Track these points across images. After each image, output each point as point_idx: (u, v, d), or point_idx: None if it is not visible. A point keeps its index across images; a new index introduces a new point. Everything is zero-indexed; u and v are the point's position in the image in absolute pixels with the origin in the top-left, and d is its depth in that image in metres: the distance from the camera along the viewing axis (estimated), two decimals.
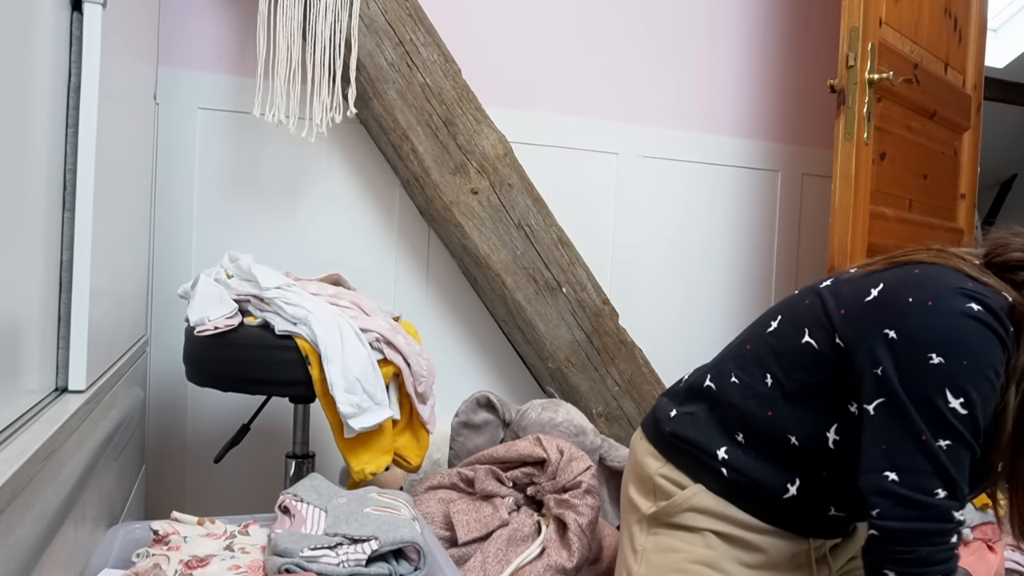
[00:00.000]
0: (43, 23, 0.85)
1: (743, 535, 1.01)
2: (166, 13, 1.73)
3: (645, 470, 1.09)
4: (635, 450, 1.14)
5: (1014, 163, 4.32)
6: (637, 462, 1.12)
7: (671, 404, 1.12)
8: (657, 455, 1.08)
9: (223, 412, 1.80)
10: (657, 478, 1.07)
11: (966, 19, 2.26)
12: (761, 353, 1.03)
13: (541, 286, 1.86)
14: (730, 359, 1.08)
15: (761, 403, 1.00)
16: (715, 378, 1.07)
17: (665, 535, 1.05)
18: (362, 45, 1.67)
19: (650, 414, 1.16)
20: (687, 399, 1.10)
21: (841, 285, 1.00)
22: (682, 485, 1.04)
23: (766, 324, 1.06)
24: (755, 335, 1.07)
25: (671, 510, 1.04)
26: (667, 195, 2.21)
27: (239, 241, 1.80)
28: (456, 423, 1.63)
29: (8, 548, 0.65)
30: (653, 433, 1.12)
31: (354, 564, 0.94)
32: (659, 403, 1.15)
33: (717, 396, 1.05)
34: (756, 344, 1.05)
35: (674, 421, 1.08)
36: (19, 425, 0.78)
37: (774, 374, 1.01)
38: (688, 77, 2.22)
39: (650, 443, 1.11)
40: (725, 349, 1.13)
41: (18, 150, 0.77)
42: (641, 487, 1.10)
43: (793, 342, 0.99)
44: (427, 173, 1.76)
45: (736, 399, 1.03)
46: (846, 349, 0.94)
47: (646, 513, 1.07)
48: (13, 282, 0.77)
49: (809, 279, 2.41)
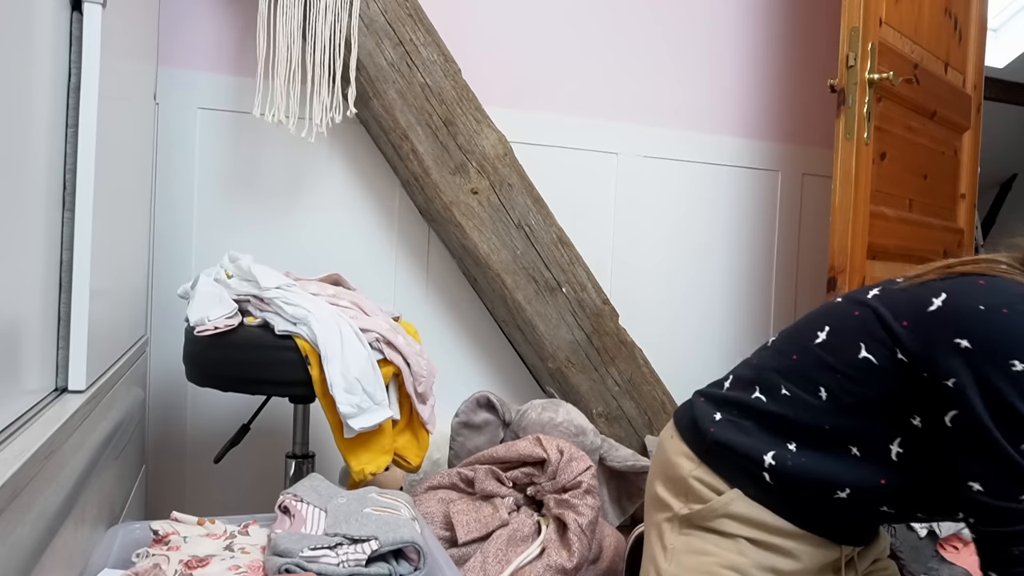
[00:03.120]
0: (43, 23, 0.85)
1: (777, 541, 1.00)
2: (166, 13, 1.73)
3: (677, 471, 1.07)
4: (666, 448, 1.12)
5: (1014, 163, 4.32)
6: (668, 461, 1.10)
7: (713, 408, 1.09)
8: (692, 456, 1.06)
9: (223, 412, 1.80)
10: (691, 480, 1.05)
11: (966, 19, 2.26)
12: (811, 366, 1.00)
13: (541, 286, 1.86)
14: (775, 371, 1.04)
15: (816, 416, 0.98)
16: (764, 391, 1.04)
17: (697, 537, 1.04)
18: (362, 45, 1.67)
19: (686, 415, 1.12)
20: (731, 407, 1.07)
21: (893, 296, 0.97)
22: (718, 490, 1.03)
23: (811, 335, 1.03)
24: (801, 346, 1.03)
25: (706, 514, 1.03)
26: (667, 195, 2.21)
27: (239, 241, 1.80)
28: (456, 423, 1.63)
29: (8, 548, 0.65)
30: (691, 436, 1.08)
31: (354, 564, 0.94)
32: (697, 405, 1.11)
33: (766, 409, 1.02)
34: (804, 356, 1.02)
35: (719, 427, 1.05)
36: (19, 425, 0.78)
37: (829, 388, 0.98)
38: (688, 77, 2.22)
39: (685, 444, 1.08)
40: (762, 356, 1.09)
41: (18, 150, 0.77)
42: (672, 487, 1.08)
43: (848, 356, 0.97)
44: (427, 173, 1.76)
45: (788, 412, 1.00)
46: (910, 363, 0.91)
47: (678, 513, 1.06)
48: (13, 282, 0.77)
49: (809, 279, 2.41)
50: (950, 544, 1.54)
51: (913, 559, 1.51)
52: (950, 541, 1.55)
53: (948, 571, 1.50)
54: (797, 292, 2.40)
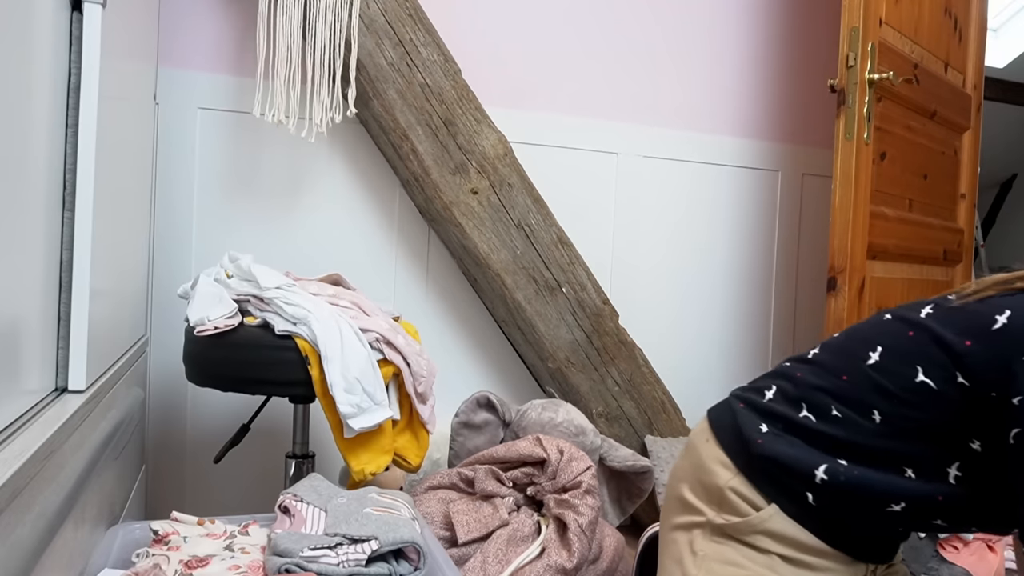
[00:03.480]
0: (43, 23, 0.85)
1: (809, 559, 1.00)
2: (166, 13, 1.73)
3: (713, 479, 1.05)
4: (699, 451, 1.09)
5: (1014, 163, 4.32)
6: (703, 467, 1.07)
7: (757, 419, 1.05)
8: (730, 465, 1.04)
9: (223, 412, 1.80)
10: (727, 491, 1.03)
11: (966, 19, 2.26)
12: (863, 387, 0.98)
13: (541, 286, 1.86)
14: (824, 392, 1.01)
15: (870, 438, 0.96)
16: (813, 410, 1.01)
17: (729, 547, 1.02)
18: (362, 45, 1.67)
19: (727, 421, 1.08)
20: (776, 420, 1.04)
21: (950, 314, 0.95)
22: (756, 505, 1.01)
23: (862, 354, 1.00)
24: (851, 367, 1.01)
25: (741, 528, 1.01)
26: (667, 195, 2.21)
27: (239, 241, 1.80)
28: (456, 423, 1.63)
29: (8, 548, 0.65)
30: (733, 444, 1.05)
31: (354, 564, 0.93)
32: (740, 412, 1.07)
33: (816, 428, 1.00)
34: (855, 377, 0.99)
35: (767, 440, 1.02)
36: (19, 425, 0.78)
37: (883, 412, 0.96)
38: (688, 77, 2.22)
39: (724, 451, 1.05)
40: (805, 372, 1.05)
41: (18, 150, 0.77)
42: (705, 493, 1.06)
43: (904, 380, 0.94)
44: (427, 173, 1.76)
45: (839, 433, 0.98)
46: (971, 386, 0.89)
47: (712, 521, 1.04)
48: (13, 282, 0.77)
49: (809, 279, 2.41)
50: (950, 544, 1.54)
51: (913, 559, 1.51)
52: (950, 541, 1.55)
53: (948, 571, 1.50)
54: (797, 292, 2.40)
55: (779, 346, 2.39)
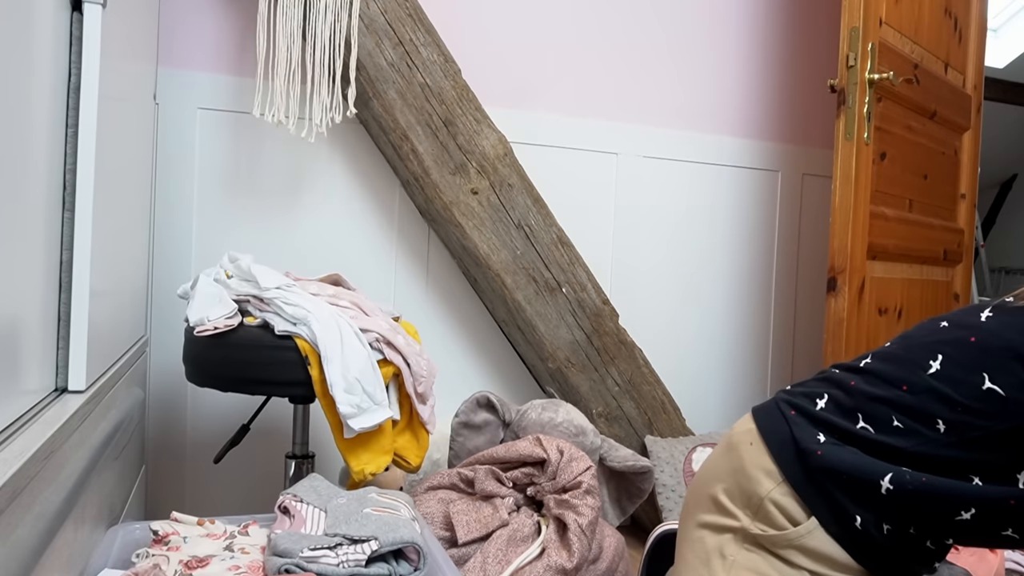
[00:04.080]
0: (43, 23, 0.85)
1: None
2: (166, 13, 1.73)
3: (754, 486, 1.02)
4: (741, 455, 1.05)
5: (1014, 163, 4.32)
6: (744, 472, 1.04)
7: (813, 428, 1.02)
8: (775, 474, 1.01)
9: (223, 412, 1.80)
10: (767, 502, 1.01)
11: (966, 19, 2.26)
12: (926, 398, 0.96)
13: (541, 286, 1.86)
14: (883, 402, 0.98)
15: (935, 448, 0.94)
16: (870, 422, 0.99)
17: (760, 557, 1.01)
18: (362, 45, 1.67)
19: (779, 428, 1.05)
20: (831, 430, 1.01)
21: (1013, 315, 0.93)
22: (794, 520, 0.99)
23: (922, 363, 0.98)
24: (912, 376, 0.98)
25: (776, 541, 1.00)
26: (667, 195, 2.21)
27: (239, 241, 1.80)
28: (456, 423, 1.63)
29: (8, 548, 0.65)
30: (784, 453, 1.01)
31: (354, 564, 0.94)
32: (794, 421, 1.04)
33: (876, 439, 0.98)
34: (916, 387, 0.97)
35: (827, 450, 0.99)
36: (19, 425, 0.78)
37: (949, 421, 0.93)
38: (688, 77, 2.22)
39: (772, 460, 1.02)
40: (859, 381, 1.02)
41: (18, 150, 0.77)
42: (743, 499, 1.04)
43: (970, 389, 0.92)
44: (427, 173, 1.76)
45: (902, 444, 0.96)
46: None
47: (747, 529, 1.02)
48: (13, 282, 0.77)
49: (809, 279, 2.41)
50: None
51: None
52: None
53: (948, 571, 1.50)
54: (797, 292, 2.40)
55: (779, 346, 2.39)
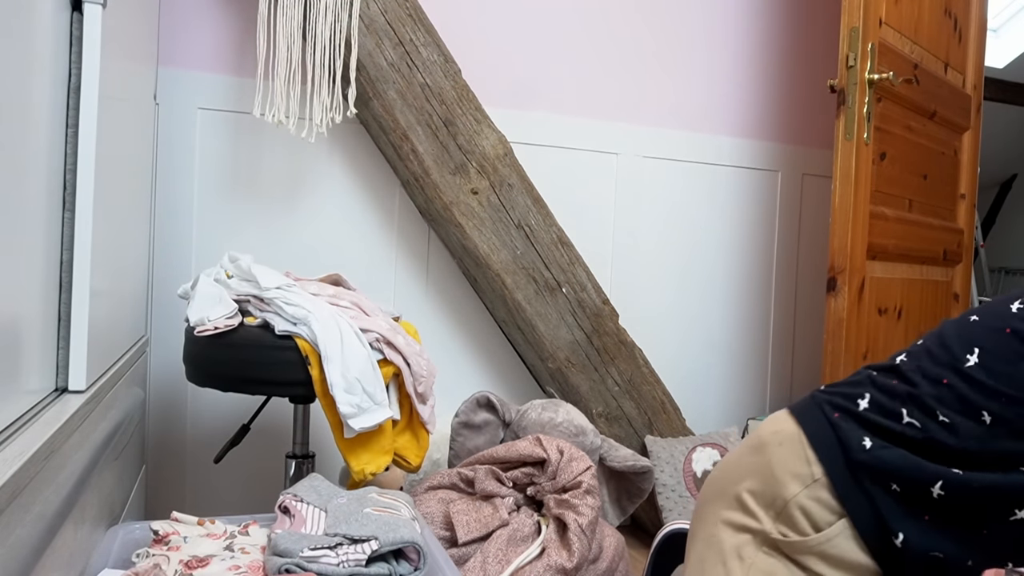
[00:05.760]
0: (43, 23, 0.85)
1: None
2: (166, 13, 1.73)
3: (780, 490, 1.01)
4: (769, 455, 1.04)
5: (1014, 163, 4.32)
6: (770, 472, 1.03)
7: (859, 431, 1.00)
8: (805, 478, 0.99)
9: (223, 412, 1.80)
10: (792, 506, 0.99)
11: (966, 19, 2.26)
12: (968, 390, 0.95)
13: (541, 286, 1.86)
14: (925, 398, 0.97)
15: (983, 441, 0.93)
16: (915, 417, 0.97)
17: (779, 562, 1.00)
18: (362, 45, 1.67)
19: (821, 429, 1.02)
20: (878, 432, 0.99)
21: None
22: (817, 526, 0.98)
23: (960, 356, 0.98)
24: (950, 371, 0.98)
25: (796, 547, 0.99)
26: (667, 195, 2.21)
27: (239, 241, 1.80)
28: (456, 423, 1.63)
29: (8, 548, 0.65)
30: (832, 457, 0.99)
31: (354, 564, 0.94)
32: (839, 424, 1.01)
33: (922, 437, 0.96)
34: (955, 380, 0.97)
35: (874, 453, 0.97)
36: (19, 425, 0.78)
37: (994, 412, 0.93)
38: (688, 77, 2.22)
39: (816, 461, 0.99)
40: (895, 377, 1.01)
41: (18, 150, 0.77)
42: (767, 501, 1.02)
43: (1012, 378, 0.93)
44: (427, 173, 1.76)
45: (950, 440, 0.95)
46: None
47: (767, 533, 1.01)
48: (13, 282, 0.77)
49: (809, 279, 2.41)
50: None
51: None
52: None
53: None
54: (797, 292, 2.40)
55: (779, 346, 2.39)
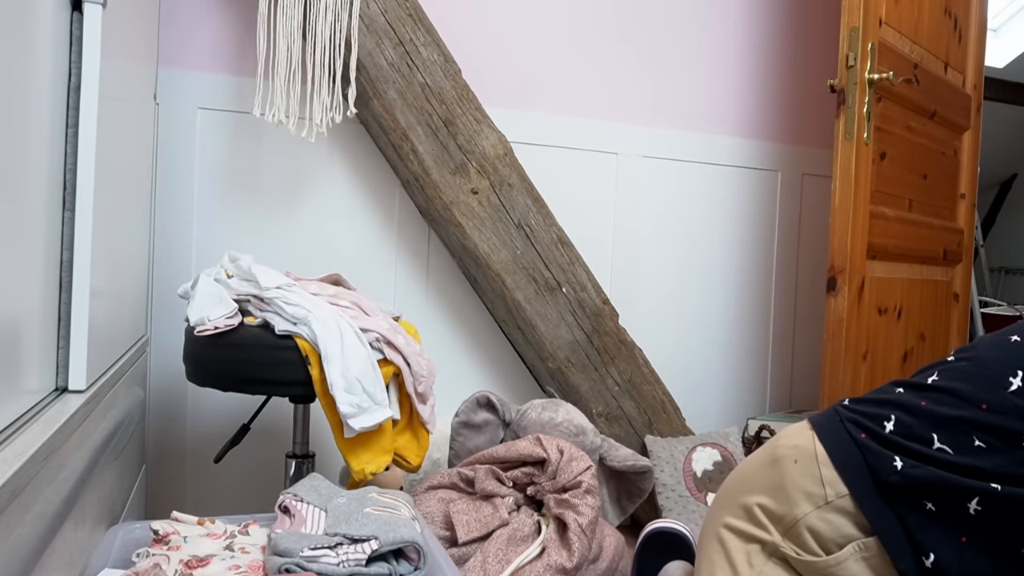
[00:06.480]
0: (43, 23, 0.85)
1: None
2: (166, 13, 1.73)
3: (792, 508, 0.99)
4: (783, 471, 1.03)
5: (1014, 163, 4.32)
6: (783, 489, 1.01)
7: (888, 451, 0.98)
8: (816, 498, 0.98)
9: (223, 412, 1.80)
10: (801, 526, 0.98)
11: (966, 19, 2.26)
12: (1009, 415, 0.93)
13: (541, 286, 1.86)
14: (960, 422, 0.95)
15: (1021, 467, 0.91)
16: (947, 441, 0.95)
17: (785, 573, 1.00)
18: (362, 45, 1.67)
19: (852, 451, 1.00)
20: (906, 454, 0.97)
21: None
22: (827, 548, 0.97)
23: (1001, 380, 0.95)
24: (991, 395, 0.95)
25: (806, 567, 0.98)
26: (667, 195, 2.21)
27: (239, 241, 1.80)
28: (456, 423, 1.63)
29: (8, 548, 0.65)
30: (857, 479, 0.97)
31: (354, 564, 0.94)
32: (865, 445, 0.99)
33: (955, 461, 0.93)
34: (997, 405, 0.94)
35: (908, 473, 0.95)
36: (19, 425, 0.78)
37: None
38: (688, 77, 2.22)
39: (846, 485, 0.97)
40: (929, 400, 0.99)
41: (18, 150, 0.77)
42: (778, 516, 1.01)
43: None
44: (427, 173, 1.76)
45: (986, 465, 0.92)
46: None
47: (777, 546, 1.01)
48: (13, 282, 0.77)
49: (809, 279, 2.41)
50: None
51: None
52: None
53: None
54: (797, 292, 2.40)
55: (779, 346, 2.39)
